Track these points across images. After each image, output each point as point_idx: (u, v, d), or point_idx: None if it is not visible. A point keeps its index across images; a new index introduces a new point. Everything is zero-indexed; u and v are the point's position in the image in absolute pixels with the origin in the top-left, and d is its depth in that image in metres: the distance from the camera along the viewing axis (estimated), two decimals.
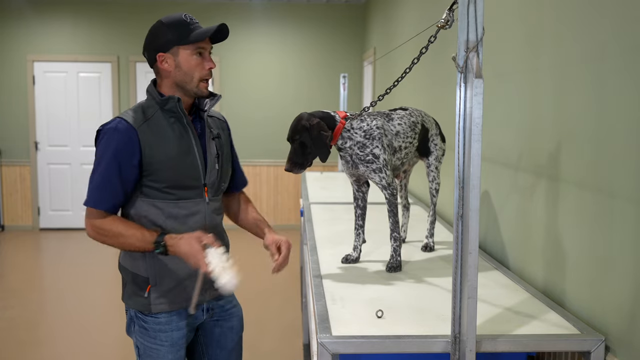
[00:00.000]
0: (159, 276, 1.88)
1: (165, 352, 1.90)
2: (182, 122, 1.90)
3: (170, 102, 1.87)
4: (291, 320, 4.61)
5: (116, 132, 1.82)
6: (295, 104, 8.14)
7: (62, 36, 7.91)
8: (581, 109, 1.91)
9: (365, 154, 2.24)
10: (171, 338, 1.91)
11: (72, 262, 6.55)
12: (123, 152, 1.81)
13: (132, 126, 1.83)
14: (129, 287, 1.93)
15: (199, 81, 1.88)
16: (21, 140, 7.95)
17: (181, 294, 1.91)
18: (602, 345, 1.66)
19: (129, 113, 1.88)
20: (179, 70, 1.86)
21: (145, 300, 1.89)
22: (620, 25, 1.70)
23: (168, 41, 1.84)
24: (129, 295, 1.94)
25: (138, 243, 1.81)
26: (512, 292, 2.09)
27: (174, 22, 1.85)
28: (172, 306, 1.91)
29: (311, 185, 4.91)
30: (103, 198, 1.83)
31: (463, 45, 1.48)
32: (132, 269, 1.91)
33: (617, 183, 1.70)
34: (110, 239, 1.83)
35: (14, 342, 4.20)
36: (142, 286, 1.89)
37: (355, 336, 1.65)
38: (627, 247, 1.65)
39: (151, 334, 1.90)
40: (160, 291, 1.89)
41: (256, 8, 8.00)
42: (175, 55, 1.85)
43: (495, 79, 2.65)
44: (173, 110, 1.88)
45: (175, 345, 1.92)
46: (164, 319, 1.91)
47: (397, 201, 2.35)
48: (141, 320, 1.92)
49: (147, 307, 1.89)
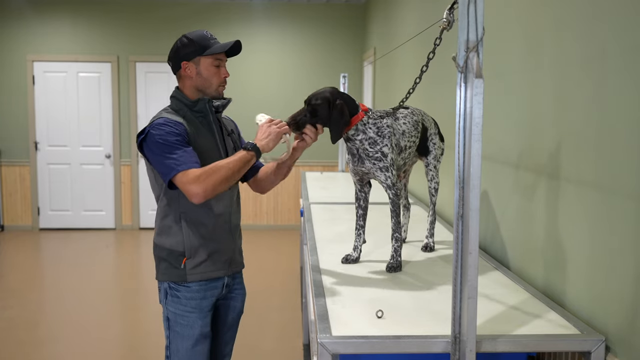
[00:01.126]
0: (194, 250, 2.18)
1: (195, 318, 2.19)
2: (208, 120, 2.23)
3: (200, 103, 2.20)
4: (291, 320, 4.61)
5: (169, 122, 2.09)
6: (296, 104, 8.13)
7: (61, 36, 7.91)
8: (581, 108, 1.91)
9: (375, 151, 2.25)
10: (200, 305, 2.20)
11: (72, 262, 6.55)
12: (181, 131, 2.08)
13: (178, 121, 2.12)
14: (164, 263, 2.21)
15: (217, 86, 2.20)
16: (21, 140, 7.95)
17: (212, 265, 2.22)
18: (602, 345, 1.66)
19: (166, 115, 2.15)
20: (199, 77, 2.18)
21: (182, 271, 2.18)
22: (620, 25, 1.70)
23: (192, 52, 2.15)
24: (164, 271, 2.22)
25: (236, 163, 2.06)
26: (512, 292, 2.09)
27: (197, 37, 2.17)
28: (204, 275, 2.20)
29: (311, 185, 4.91)
30: (189, 159, 2.03)
31: (463, 45, 1.48)
32: (169, 246, 2.19)
33: (618, 183, 1.70)
34: (214, 174, 2.01)
35: (13, 342, 4.20)
36: (179, 259, 2.18)
37: (355, 336, 1.65)
38: (627, 247, 1.65)
39: (183, 302, 2.19)
40: (194, 263, 2.18)
41: (256, 8, 8.00)
42: (197, 64, 2.17)
43: (495, 78, 2.65)
44: (202, 110, 2.21)
45: (202, 312, 2.21)
46: (195, 287, 2.19)
47: (400, 202, 2.35)
48: (174, 291, 2.20)
49: (183, 277, 2.18)
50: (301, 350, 4.04)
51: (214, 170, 2.01)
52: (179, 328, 2.19)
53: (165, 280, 2.21)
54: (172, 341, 2.21)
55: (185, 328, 2.19)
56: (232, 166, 2.04)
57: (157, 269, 2.25)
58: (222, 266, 2.25)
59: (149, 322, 4.69)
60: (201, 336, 2.21)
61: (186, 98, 2.20)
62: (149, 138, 2.07)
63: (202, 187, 1.98)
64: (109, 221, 8.10)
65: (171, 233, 2.19)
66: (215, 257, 2.22)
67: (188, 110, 2.19)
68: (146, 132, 2.09)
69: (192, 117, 2.19)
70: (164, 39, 7.96)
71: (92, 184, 8.05)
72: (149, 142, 2.07)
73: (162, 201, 2.20)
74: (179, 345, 2.20)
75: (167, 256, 2.20)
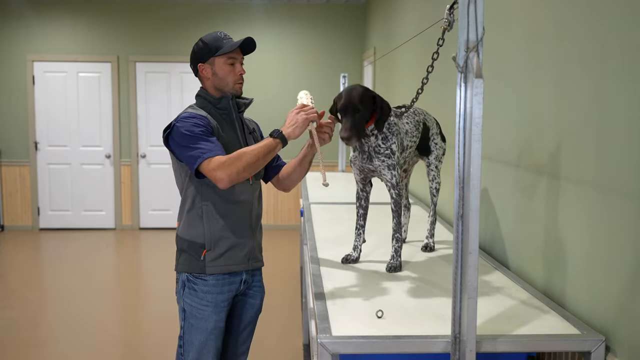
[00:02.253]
0: (214, 242, 2.22)
1: (210, 312, 2.22)
2: (231, 117, 2.28)
3: (224, 100, 2.26)
4: (291, 320, 4.61)
5: (194, 115, 2.16)
6: (296, 104, 8.13)
7: (61, 36, 7.91)
8: (581, 108, 1.91)
9: (385, 147, 2.26)
10: (216, 300, 2.23)
11: (72, 262, 6.55)
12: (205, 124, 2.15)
13: (203, 115, 2.19)
14: (185, 255, 2.25)
15: (233, 84, 2.26)
16: (21, 140, 7.95)
17: (231, 258, 2.25)
18: (602, 346, 1.66)
19: (191, 111, 2.21)
20: (215, 77, 2.25)
21: (201, 263, 2.22)
22: (620, 25, 1.70)
23: (205, 53, 2.24)
24: (183, 262, 2.26)
25: (261, 149, 2.09)
26: (512, 292, 2.09)
27: (210, 39, 2.24)
28: (222, 268, 2.24)
29: (311, 185, 4.91)
30: (214, 148, 2.09)
31: (463, 45, 1.48)
32: (190, 237, 2.24)
33: (618, 182, 1.70)
34: (238, 160, 2.05)
35: (14, 342, 4.20)
36: (199, 251, 2.22)
37: (355, 336, 1.65)
38: (627, 247, 1.65)
39: (199, 295, 2.22)
40: (214, 255, 2.22)
41: (256, 8, 8.00)
42: (212, 64, 2.25)
43: (495, 78, 2.65)
44: (225, 107, 2.27)
45: (218, 307, 2.24)
46: (212, 281, 2.23)
47: (402, 202, 2.36)
48: (192, 283, 2.23)
49: (202, 269, 2.22)
50: (301, 350, 4.04)
51: (238, 156, 2.06)
52: (193, 320, 2.23)
53: (184, 271, 2.25)
54: (186, 332, 2.25)
55: (199, 321, 2.22)
56: (256, 152, 2.08)
57: (177, 260, 2.29)
58: (241, 260, 2.27)
59: (149, 322, 4.70)
60: (215, 330, 2.24)
61: (210, 96, 2.27)
62: (175, 130, 2.14)
63: (227, 173, 2.04)
64: (109, 221, 8.10)
65: (192, 225, 2.24)
66: (235, 251, 2.26)
67: (212, 108, 2.26)
68: (172, 125, 2.16)
69: (216, 114, 2.26)
70: (164, 39, 7.97)
71: (92, 184, 8.05)
72: (174, 135, 2.14)
73: (185, 194, 2.26)
74: (193, 338, 2.23)
75: (188, 248, 2.24)
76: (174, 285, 2.42)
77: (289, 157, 2.46)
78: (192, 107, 2.27)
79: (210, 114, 2.24)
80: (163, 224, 8.02)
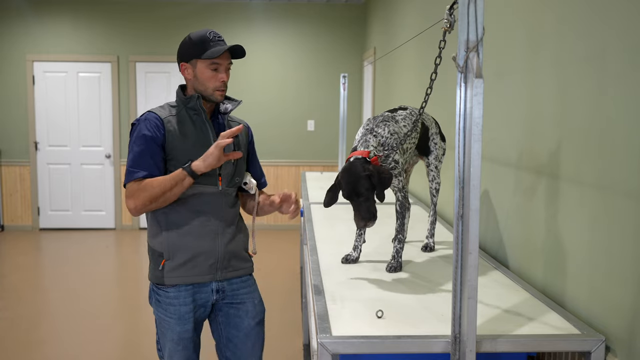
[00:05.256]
0: (172, 251, 2.14)
1: (173, 324, 2.16)
2: (201, 117, 2.18)
3: (192, 100, 2.16)
4: (291, 320, 4.60)
5: (146, 120, 2.13)
6: (296, 104, 8.14)
7: (61, 36, 7.91)
8: (582, 108, 1.91)
9: (388, 163, 2.27)
10: (179, 312, 2.15)
11: (72, 262, 6.55)
12: (151, 134, 2.09)
13: (158, 116, 2.14)
14: (150, 263, 2.21)
15: (213, 90, 2.16)
16: (21, 140, 7.94)
17: (192, 269, 2.15)
18: (602, 346, 1.65)
19: (157, 108, 2.19)
20: (196, 79, 2.16)
21: (160, 273, 2.15)
22: (621, 24, 1.69)
23: (189, 54, 2.15)
24: (149, 270, 2.22)
25: (169, 181, 2.05)
26: (512, 292, 2.09)
27: (197, 38, 2.14)
28: (183, 279, 2.15)
29: (311, 185, 4.91)
30: (137, 170, 2.07)
31: (463, 45, 1.47)
32: (152, 245, 2.18)
33: (618, 183, 1.70)
34: (146, 191, 2.04)
35: (13, 342, 4.19)
36: (158, 260, 2.15)
37: (355, 336, 1.64)
38: (627, 247, 1.65)
39: (163, 306, 2.17)
40: (173, 265, 2.14)
41: (256, 8, 7.99)
42: (194, 66, 2.15)
43: (495, 78, 2.65)
44: (194, 108, 2.17)
45: (182, 319, 2.16)
46: (172, 293, 2.15)
47: (406, 203, 2.37)
48: (156, 293, 2.19)
49: (161, 280, 2.15)
50: (301, 350, 4.04)
51: (144, 188, 2.05)
52: (162, 329, 2.20)
53: (150, 280, 2.21)
54: (160, 338, 2.22)
55: (167, 330, 2.18)
56: (163, 186, 2.05)
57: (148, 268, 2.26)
58: (207, 271, 2.16)
59: (149, 322, 4.68)
60: (182, 341, 2.18)
61: (182, 94, 2.21)
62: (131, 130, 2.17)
63: (134, 204, 2.07)
64: (109, 221, 8.10)
65: (153, 232, 2.18)
66: (198, 261, 2.15)
67: (184, 107, 2.19)
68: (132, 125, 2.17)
69: (187, 114, 2.18)
70: (164, 39, 7.97)
71: (92, 184, 8.05)
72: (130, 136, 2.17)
73: None
74: (165, 344, 2.21)
75: (152, 256, 2.20)
76: None
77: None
78: (162, 106, 2.22)
79: (181, 113, 2.17)
80: None
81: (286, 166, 7.99)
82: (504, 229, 2.59)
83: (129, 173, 2.08)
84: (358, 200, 2.13)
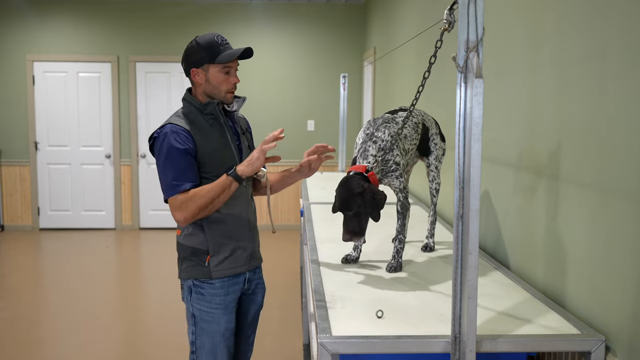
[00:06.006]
0: (217, 247, 2.24)
1: (219, 315, 2.25)
2: (219, 121, 2.24)
3: (210, 106, 2.21)
4: (291, 320, 4.60)
5: (175, 133, 2.15)
6: (296, 104, 8.14)
7: (61, 36, 7.91)
8: (582, 108, 1.91)
9: (389, 166, 2.28)
10: (224, 302, 2.26)
11: (72, 262, 6.55)
12: (185, 147, 2.13)
13: (185, 128, 2.17)
14: (188, 262, 2.27)
15: (225, 93, 2.23)
16: (21, 140, 7.94)
17: (234, 261, 2.27)
18: (602, 346, 1.65)
19: (175, 119, 2.20)
20: (208, 84, 2.21)
21: (206, 268, 2.23)
22: (622, 23, 1.69)
23: (200, 59, 2.18)
24: (187, 269, 2.27)
25: (216, 188, 2.12)
26: (512, 292, 2.09)
27: (207, 43, 2.18)
28: (227, 272, 2.26)
29: (311, 185, 4.91)
30: (181, 182, 2.13)
31: (463, 45, 1.47)
32: (193, 245, 2.25)
33: (618, 183, 1.70)
34: (195, 202, 2.11)
35: (13, 342, 4.19)
36: (203, 257, 2.24)
37: (355, 336, 1.65)
38: (627, 247, 1.65)
39: (207, 299, 2.24)
40: (218, 260, 2.24)
41: (256, 8, 7.99)
42: (205, 71, 2.20)
43: (495, 78, 2.65)
44: (212, 113, 2.23)
45: (227, 308, 2.27)
46: (218, 284, 2.25)
47: (409, 204, 2.38)
48: (199, 288, 2.25)
49: (208, 274, 2.23)
50: (301, 350, 4.04)
51: (192, 199, 2.11)
52: (204, 324, 2.24)
53: (190, 277, 2.26)
54: (198, 337, 2.26)
55: (211, 324, 2.24)
56: (211, 194, 2.12)
57: (180, 268, 2.31)
58: (244, 262, 2.30)
59: (149, 322, 4.69)
60: (227, 331, 2.27)
61: (196, 101, 2.23)
62: (155, 146, 2.17)
63: (183, 215, 2.13)
64: (109, 221, 8.10)
65: (194, 233, 2.25)
66: (238, 254, 2.28)
67: (199, 114, 2.22)
68: (153, 138, 2.18)
69: (203, 119, 2.22)
70: (163, 39, 7.97)
71: (92, 184, 8.05)
72: (155, 150, 2.18)
73: None
74: (205, 341, 2.25)
75: (191, 255, 2.25)
76: (174, 285, 2.43)
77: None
78: (177, 114, 2.23)
79: (197, 120, 2.21)
80: (163, 224, 8.02)
81: (286, 166, 7.97)
82: (504, 229, 2.59)
83: (173, 187, 2.12)
84: (348, 214, 2.17)
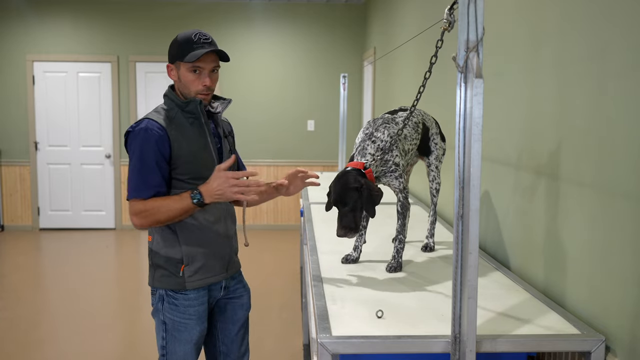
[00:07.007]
0: (192, 256, 2.15)
1: (193, 325, 2.18)
2: (200, 121, 2.15)
3: (191, 104, 2.12)
4: (291, 320, 4.60)
5: (149, 131, 2.07)
6: (296, 104, 8.14)
7: (61, 36, 7.90)
8: (582, 108, 1.91)
9: (389, 166, 2.28)
10: (198, 312, 2.19)
11: (72, 262, 6.55)
12: (158, 146, 2.06)
13: (162, 125, 2.08)
14: (161, 270, 2.17)
15: (195, 94, 2.13)
16: (21, 140, 7.94)
17: (210, 270, 2.20)
18: (602, 346, 1.65)
19: (154, 115, 2.12)
20: (180, 82, 2.15)
21: (180, 279, 2.15)
22: (624, 24, 1.69)
23: (173, 56, 2.14)
24: (160, 278, 2.18)
25: (177, 204, 2.05)
26: (512, 292, 2.09)
27: (182, 40, 2.11)
28: (202, 282, 2.18)
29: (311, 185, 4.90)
30: (144, 188, 2.06)
31: (463, 45, 1.47)
32: (166, 253, 2.16)
33: (618, 183, 1.70)
34: (153, 215, 2.06)
35: (13, 342, 4.19)
36: (177, 267, 2.15)
37: (355, 336, 1.64)
38: (627, 247, 1.65)
39: (181, 309, 2.16)
40: (193, 270, 2.16)
41: (256, 8, 7.99)
42: (177, 68, 2.14)
43: (495, 78, 2.65)
44: (193, 112, 2.13)
45: (201, 318, 2.20)
46: (193, 294, 2.17)
47: (409, 204, 2.38)
48: (172, 298, 2.17)
49: (182, 285, 2.15)
50: (301, 350, 4.04)
51: (153, 208, 2.05)
52: (176, 333, 2.17)
53: (163, 287, 2.18)
54: (169, 343, 2.19)
55: (183, 333, 2.17)
56: (170, 214, 2.06)
57: (153, 276, 2.21)
58: (219, 270, 2.23)
59: (149, 322, 4.69)
60: (200, 339, 2.22)
61: (177, 98, 2.15)
62: (129, 142, 2.11)
63: (140, 222, 2.08)
64: (109, 221, 8.10)
65: (167, 241, 2.16)
66: (213, 263, 2.20)
67: (179, 111, 2.14)
68: (128, 133, 2.11)
69: (183, 117, 2.13)
70: (164, 39, 7.93)
71: (92, 184, 8.05)
72: (129, 147, 2.11)
73: None
74: (177, 348, 2.18)
75: (165, 263, 2.16)
76: None
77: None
78: (157, 110, 2.15)
79: (177, 117, 2.12)
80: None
81: (286, 166, 7.98)
82: (504, 229, 2.59)
83: (135, 189, 2.06)
84: (343, 209, 2.16)
